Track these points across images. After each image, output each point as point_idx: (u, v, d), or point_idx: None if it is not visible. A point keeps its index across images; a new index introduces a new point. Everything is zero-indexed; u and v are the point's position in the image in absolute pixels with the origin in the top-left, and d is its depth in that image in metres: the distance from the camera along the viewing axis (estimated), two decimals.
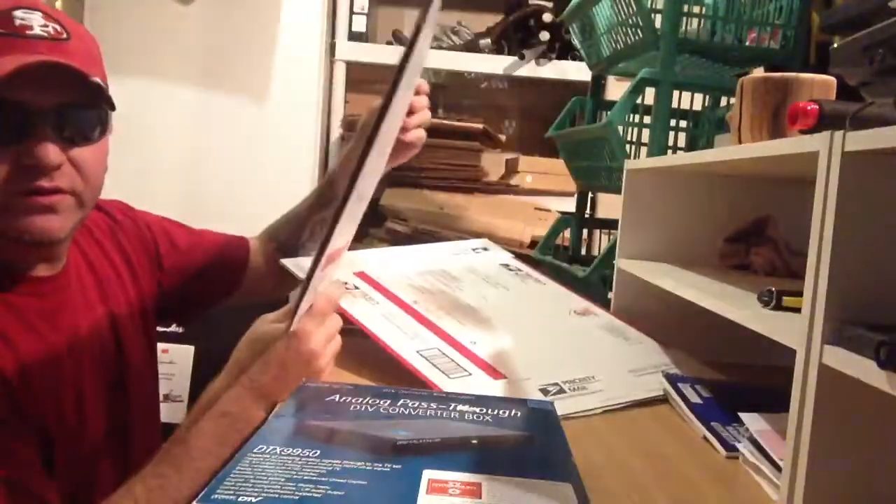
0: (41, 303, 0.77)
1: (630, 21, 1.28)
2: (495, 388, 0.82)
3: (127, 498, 0.69)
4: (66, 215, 0.76)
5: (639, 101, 1.27)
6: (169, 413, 1.89)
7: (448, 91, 2.45)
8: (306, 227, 1.10)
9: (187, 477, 0.67)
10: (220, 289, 1.07)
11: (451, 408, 0.69)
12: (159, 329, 1.30)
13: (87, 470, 0.76)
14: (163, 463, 0.70)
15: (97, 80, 0.75)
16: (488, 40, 2.20)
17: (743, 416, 0.75)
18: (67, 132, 0.74)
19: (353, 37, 2.14)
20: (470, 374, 0.84)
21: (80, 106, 0.76)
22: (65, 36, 0.75)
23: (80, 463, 0.76)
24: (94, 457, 0.78)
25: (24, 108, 0.71)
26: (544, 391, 0.83)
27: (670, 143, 1.34)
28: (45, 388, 0.72)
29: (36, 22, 0.73)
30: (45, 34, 0.73)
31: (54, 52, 0.73)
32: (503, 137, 2.24)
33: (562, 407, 0.77)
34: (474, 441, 0.62)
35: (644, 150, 1.37)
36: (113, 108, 0.78)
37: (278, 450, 0.56)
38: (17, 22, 0.72)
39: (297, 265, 1.00)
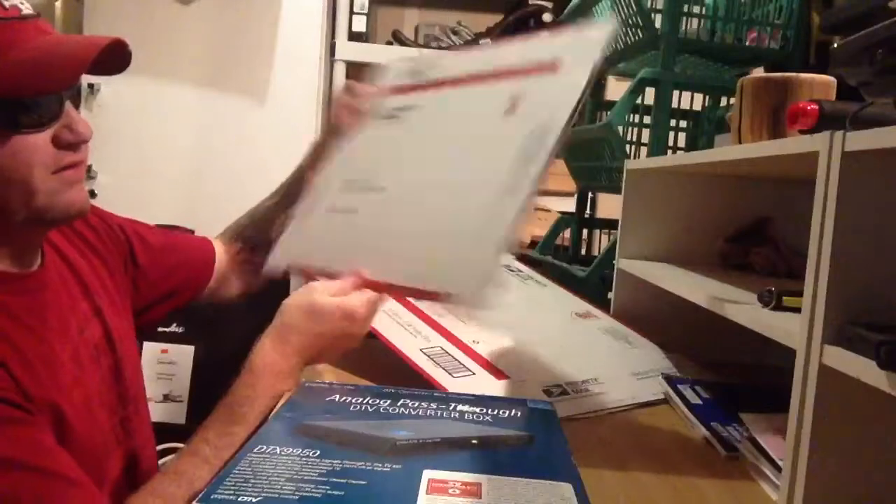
0: (28, 300, 0.76)
1: (630, 21, 1.28)
2: (498, 388, 0.82)
3: (193, 458, 0.72)
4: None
5: (639, 101, 1.27)
6: (169, 413, 1.90)
7: None
8: (275, 224, 1.09)
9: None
10: (189, 289, 1.07)
11: (451, 408, 0.69)
12: (159, 329, 1.29)
13: (97, 466, 0.77)
14: (226, 423, 0.74)
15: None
16: (488, 40, 2.20)
17: (743, 416, 0.75)
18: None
19: (353, 37, 2.14)
20: (473, 374, 0.84)
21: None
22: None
23: (91, 459, 0.76)
24: (103, 452, 0.79)
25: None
26: (548, 392, 0.83)
27: (670, 143, 1.34)
28: (53, 383, 0.73)
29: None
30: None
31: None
32: None
33: (565, 408, 0.77)
34: (474, 441, 0.62)
35: (644, 150, 1.37)
36: None
37: (278, 450, 0.56)
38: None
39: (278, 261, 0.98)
